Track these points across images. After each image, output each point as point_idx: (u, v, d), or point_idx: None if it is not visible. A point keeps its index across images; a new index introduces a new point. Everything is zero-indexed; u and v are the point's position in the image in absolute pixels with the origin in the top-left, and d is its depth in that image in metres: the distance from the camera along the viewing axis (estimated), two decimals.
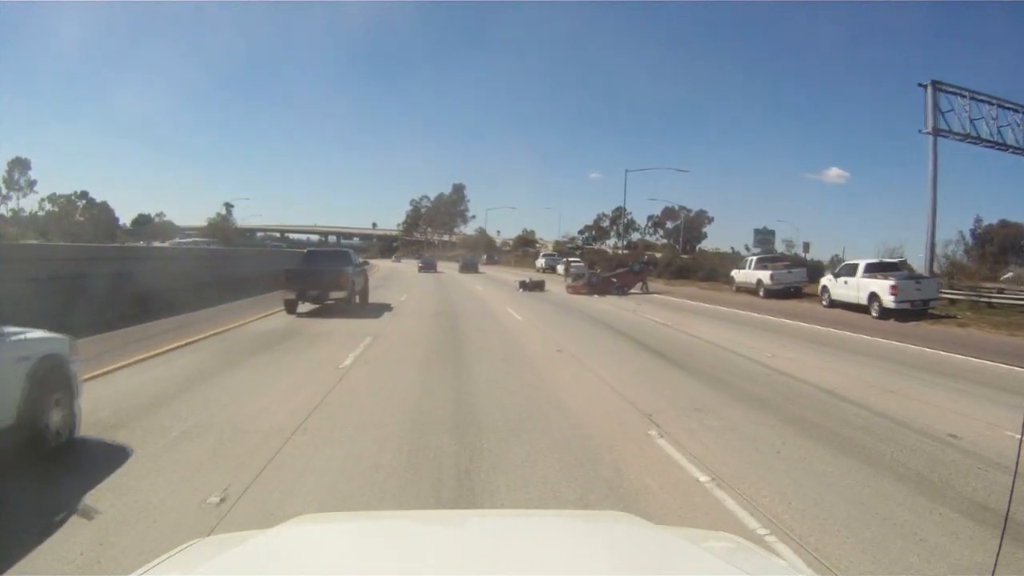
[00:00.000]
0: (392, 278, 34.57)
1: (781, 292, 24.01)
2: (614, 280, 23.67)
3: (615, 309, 17.91)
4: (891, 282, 17.92)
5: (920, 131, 26.50)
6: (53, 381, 4.75)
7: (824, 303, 21.01)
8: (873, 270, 19.49)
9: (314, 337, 11.26)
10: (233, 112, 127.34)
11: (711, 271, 33.33)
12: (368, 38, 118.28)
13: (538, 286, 25.02)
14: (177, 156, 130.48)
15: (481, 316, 15.37)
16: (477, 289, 26.66)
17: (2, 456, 4.25)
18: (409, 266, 56.82)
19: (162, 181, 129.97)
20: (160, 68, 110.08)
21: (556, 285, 27.70)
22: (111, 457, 4.65)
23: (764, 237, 35.49)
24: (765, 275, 24.32)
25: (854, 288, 19.53)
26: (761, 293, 24.34)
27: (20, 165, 75.67)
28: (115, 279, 13.46)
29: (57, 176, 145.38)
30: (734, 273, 27.39)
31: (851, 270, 20.16)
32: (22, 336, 4.62)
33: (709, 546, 1.58)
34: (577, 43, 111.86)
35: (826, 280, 21.46)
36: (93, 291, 12.03)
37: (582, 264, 39.42)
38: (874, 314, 18.12)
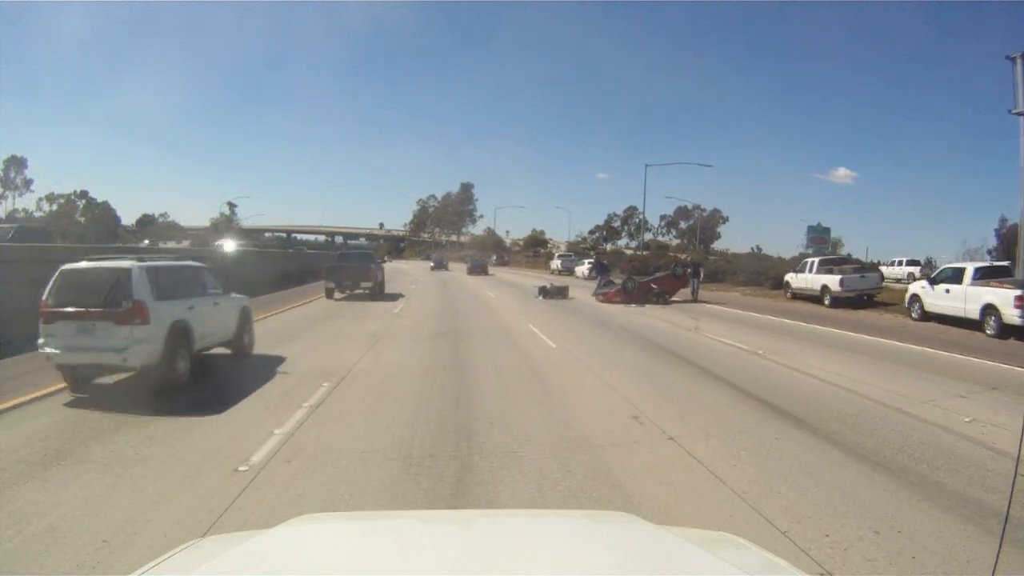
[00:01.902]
0: (393, 280, 30.53)
1: (852, 300, 19.75)
2: (653, 286, 19.42)
3: (669, 326, 13.71)
4: (1017, 292, 13.72)
5: (1009, 111, 22.30)
6: (245, 318, 9.01)
7: (914, 315, 16.78)
8: (983, 276, 15.32)
9: (240, 385, 7.16)
10: (239, 112, 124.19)
11: (754, 274, 28.96)
12: (375, 38, 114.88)
13: (560, 292, 20.83)
14: (182, 156, 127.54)
15: (497, 339, 11.22)
16: (488, 296, 22.46)
17: (229, 356, 8.63)
18: (410, 266, 52.68)
19: (167, 182, 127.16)
20: (163, 68, 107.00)
21: (577, 290, 23.43)
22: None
23: (818, 236, 29.63)
24: (832, 280, 20.02)
25: (959, 298, 15.32)
26: (827, 301, 20.05)
27: (16, 163, 72.42)
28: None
29: (57, 176, 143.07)
30: (790, 277, 23.02)
31: (955, 276, 15.90)
32: (234, 295, 8.92)
33: (710, 546, 1.48)
34: (584, 43, 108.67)
35: (918, 287, 17.20)
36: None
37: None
38: (989, 331, 13.99)
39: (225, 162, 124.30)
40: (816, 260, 21.87)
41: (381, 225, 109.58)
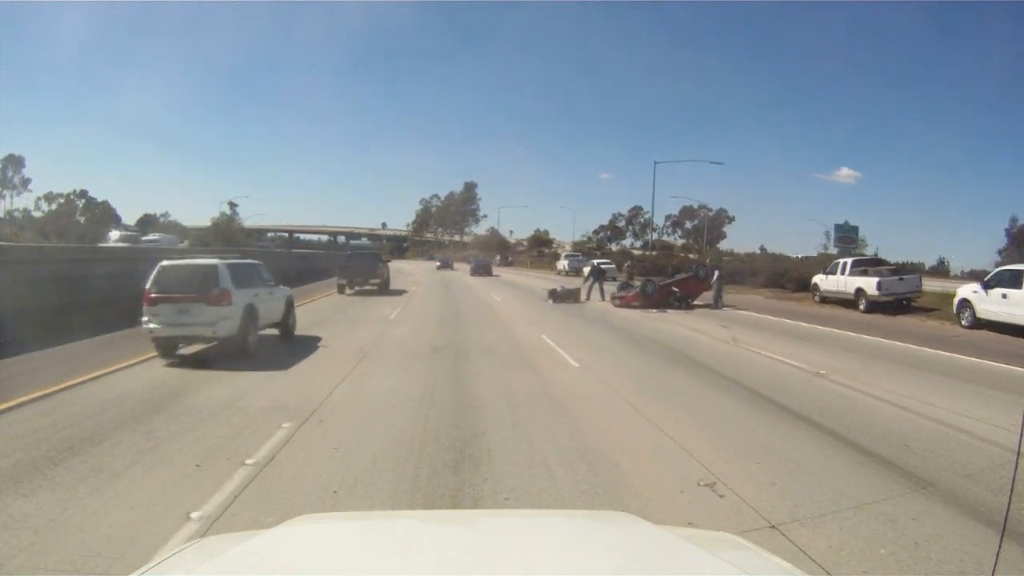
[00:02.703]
0: (392, 282, 28.87)
1: (890, 306, 17.99)
2: (675, 290, 17.65)
3: (702, 337, 11.94)
4: None
5: None
6: (290, 305, 10.52)
7: (964, 323, 15.04)
8: None
9: (179, 423, 5.43)
10: (241, 111, 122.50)
11: (773, 275, 27.12)
12: (377, 37, 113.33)
13: (572, 296, 19.09)
14: (184, 156, 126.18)
15: (507, 356, 9.45)
16: (494, 299, 20.69)
17: (279, 337, 10.21)
18: (412, 266, 50.92)
19: (169, 181, 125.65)
20: (164, 67, 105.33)
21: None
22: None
23: (846, 235, 26.48)
24: (869, 283, 18.23)
25: (1019, 304, 13.60)
26: (862, 306, 18.28)
27: (13, 162, 70.76)
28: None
29: (56, 176, 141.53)
30: (819, 280, 21.21)
31: (1013, 279, 14.16)
32: (282, 287, 10.54)
33: (710, 546, 1.43)
34: (586, 44, 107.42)
35: (968, 291, 15.44)
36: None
37: (613, 266, 33.45)
38: None
39: (228, 162, 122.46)
40: (849, 261, 20.08)
41: (384, 225, 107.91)
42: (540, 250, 74.10)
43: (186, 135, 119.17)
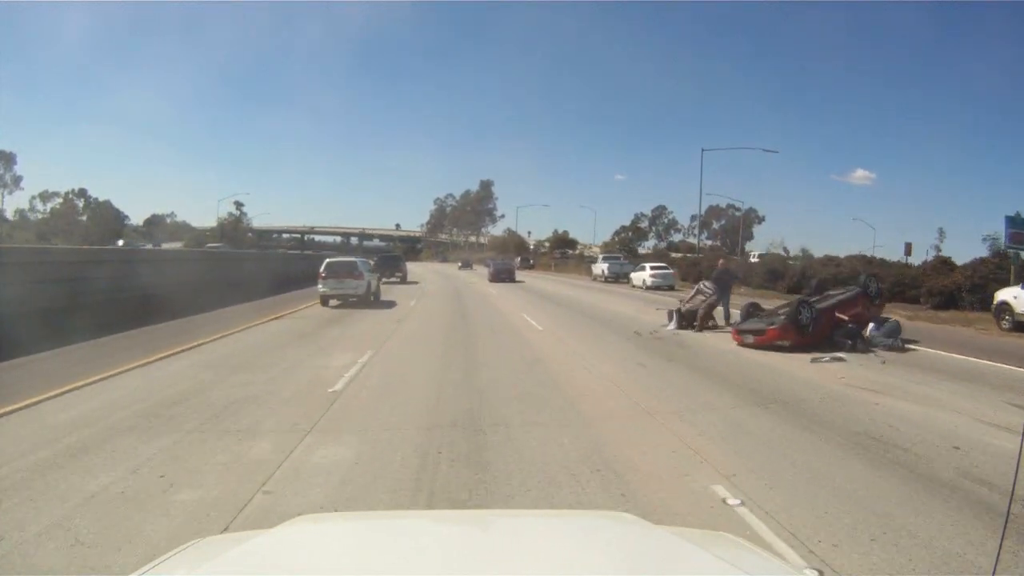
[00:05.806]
0: (387, 292, 21.98)
1: None
2: (842, 317, 10.18)
3: None
4: None
5: None
6: (379, 283, 20.53)
7: None
8: None
9: None
10: (251, 112, 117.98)
11: (893, 287, 19.84)
12: (390, 36, 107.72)
13: (707, 319, 12.35)
14: (191, 156, 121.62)
15: None
16: (531, 327, 13.05)
17: (373, 300, 17.97)
18: (423, 268, 44.01)
19: (175, 181, 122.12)
20: (172, 66, 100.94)
21: (655, 313, 14.47)
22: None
23: (1019, 232, 18.59)
24: None
25: None
26: None
27: (4, 159, 65.31)
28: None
29: (56, 175, 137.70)
30: (1010, 298, 13.78)
31: None
32: (375, 273, 19.90)
33: (710, 546, 1.42)
34: (597, 44, 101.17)
35: None
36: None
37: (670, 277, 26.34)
38: None
39: (237, 162, 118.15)
40: None
41: (397, 226, 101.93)
42: (563, 251, 67.16)
43: (193, 134, 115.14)
